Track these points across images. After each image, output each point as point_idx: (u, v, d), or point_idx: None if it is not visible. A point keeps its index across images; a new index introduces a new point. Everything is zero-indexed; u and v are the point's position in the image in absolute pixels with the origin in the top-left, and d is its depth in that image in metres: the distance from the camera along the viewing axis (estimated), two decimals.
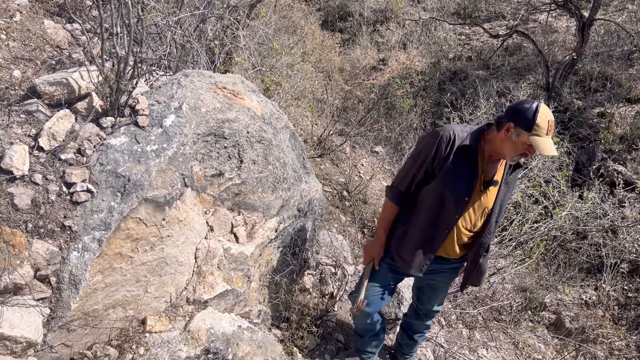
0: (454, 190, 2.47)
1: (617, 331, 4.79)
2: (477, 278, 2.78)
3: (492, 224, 2.57)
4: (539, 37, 9.27)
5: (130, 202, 2.14)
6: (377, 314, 2.96)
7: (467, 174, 2.44)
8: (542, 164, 5.46)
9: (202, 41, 3.57)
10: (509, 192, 2.59)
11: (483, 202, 2.52)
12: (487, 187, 2.48)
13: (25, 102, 2.25)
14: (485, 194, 2.50)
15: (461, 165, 2.43)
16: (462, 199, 2.47)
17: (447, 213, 2.52)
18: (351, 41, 9.99)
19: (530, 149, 2.26)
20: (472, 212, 2.54)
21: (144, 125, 2.32)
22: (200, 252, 2.59)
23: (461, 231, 2.58)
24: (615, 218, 5.49)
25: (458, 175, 2.45)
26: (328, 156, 5.92)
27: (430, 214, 2.57)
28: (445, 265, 2.74)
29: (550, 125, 2.22)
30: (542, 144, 2.21)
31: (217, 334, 2.49)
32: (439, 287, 2.93)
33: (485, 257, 2.71)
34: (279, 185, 2.94)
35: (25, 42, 2.60)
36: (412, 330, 3.19)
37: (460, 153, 2.42)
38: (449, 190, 2.48)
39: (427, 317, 3.10)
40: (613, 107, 7.35)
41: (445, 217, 2.53)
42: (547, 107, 2.27)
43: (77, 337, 2.15)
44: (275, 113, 3.05)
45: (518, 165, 2.56)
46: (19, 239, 1.90)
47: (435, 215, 2.56)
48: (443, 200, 2.51)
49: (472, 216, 2.55)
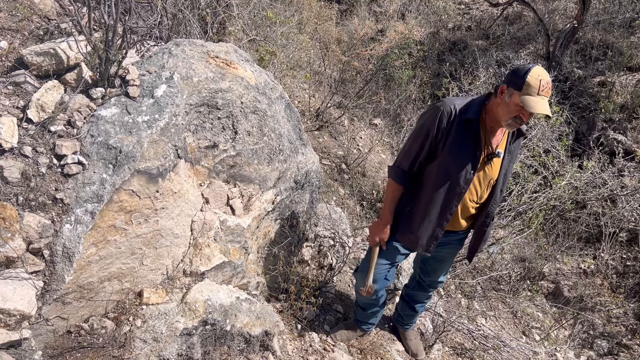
0: (459, 165, 2.44)
1: (615, 299, 4.82)
2: (481, 246, 2.81)
3: (497, 194, 2.58)
4: (540, 6, 9.11)
5: (123, 173, 2.11)
6: (382, 289, 2.96)
7: (471, 148, 2.42)
8: (542, 133, 5.41)
9: (194, 10, 3.48)
10: (512, 162, 2.59)
11: (488, 174, 2.52)
12: (491, 159, 2.46)
13: (12, 74, 2.20)
14: (490, 166, 2.49)
15: (464, 139, 2.41)
16: (468, 173, 2.45)
17: (453, 188, 2.49)
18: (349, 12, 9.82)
19: (523, 111, 2.21)
20: (478, 184, 2.53)
21: (134, 95, 2.27)
22: (196, 224, 2.57)
23: (468, 204, 2.59)
24: (614, 187, 5.47)
25: (462, 150, 2.42)
26: (326, 129, 5.87)
27: (437, 190, 2.53)
28: (452, 237, 2.76)
29: (543, 85, 2.17)
30: (532, 102, 2.17)
31: (214, 306, 2.49)
32: (444, 259, 2.93)
33: (491, 225, 2.74)
34: (274, 156, 2.91)
35: (12, 12, 2.54)
36: (413, 301, 3.19)
37: (462, 127, 2.39)
38: (454, 166, 2.45)
39: (431, 288, 3.11)
40: (614, 76, 7.25)
41: (451, 192, 2.51)
42: (544, 69, 2.22)
43: (73, 310, 2.14)
44: (270, 83, 2.99)
45: (520, 134, 2.53)
46: (9, 212, 1.87)
47: (442, 192, 2.52)
48: (449, 176, 2.48)
49: (477, 188, 2.54)
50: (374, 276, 2.79)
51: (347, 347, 3.18)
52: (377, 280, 2.84)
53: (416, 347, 3.31)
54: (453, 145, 2.42)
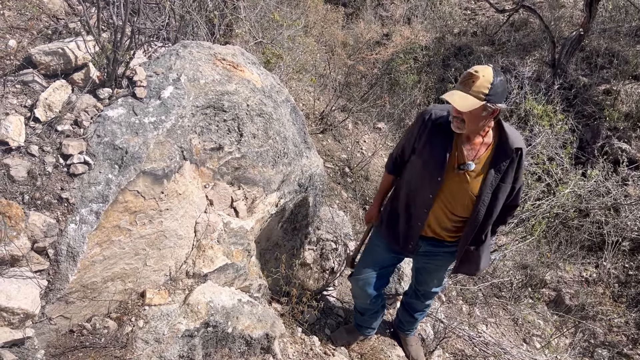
0: (427, 167, 2.45)
1: (617, 308, 4.81)
2: (468, 267, 2.71)
3: (478, 213, 2.44)
4: (546, 12, 9.10)
5: (128, 174, 2.12)
6: (378, 293, 2.97)
7: (439, 153, 2.39)
8: (546, 141, 5.41)
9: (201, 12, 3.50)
10: (506, 183, 2.40)
11: (464, 187, 2.41)
12: (461, 170, 2.38)
13: (20, 72, 2.21)
14: (464, 177, 2.40)
15: (436, 143, 2.41)
16: (435, 179, 2.42)
17: (423, 191, 2.51)
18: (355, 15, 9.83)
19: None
20: (450, 195, 2.47)
21: (141, 96, 2.28)
22: (200, 225, 2.57)
23: (442, 214, 2.53)
24: (618, 196, 5.46)
25: (432, 153, 2.42)
26: (330, 132, 5.87)
27: (410, 191, 2.60)
28: (440, 248, 2.71)
29: (466, 76, 2.14)
30: (447, 93, 2.15)
31: (216, 307, 2.49)
32: (434, 270, 2.90)
33: (479, 249, 2.61)
34: (279, 159, 2.91)
35: (21, 12, 2.55)
36: (412, 309, 3.19)
37: (436, 130, 2.39)
38: (423, 168, 2.48)
39: (426, 298, 3.09)
40: (619, 84, 7.24)
41: (422, 195, 2.52)
42: (484, 66, 2.16)
43: (76, 309, 2.15)
44: (276, 86, 3.00)
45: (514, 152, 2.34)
46: (15, 210, 1.88)
47: (414, 193, 2.58)
48: (420, 178, 2.51)
49: (450, 200, 2.48)
50: (366, 279, 2.88)
51: (348, 351, 3.18)
52: (371, 284, 2.89)
53: (417, 353, 3.31)
54: (424, 148, 2.45)
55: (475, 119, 2.20)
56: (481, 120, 2.22)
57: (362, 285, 2.96)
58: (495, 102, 2.14)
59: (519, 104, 5.82)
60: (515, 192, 2.50)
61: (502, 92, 2.17)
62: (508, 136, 2.31)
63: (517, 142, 2.33)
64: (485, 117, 2.20)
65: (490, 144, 2.37)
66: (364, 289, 2.95)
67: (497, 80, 2.12)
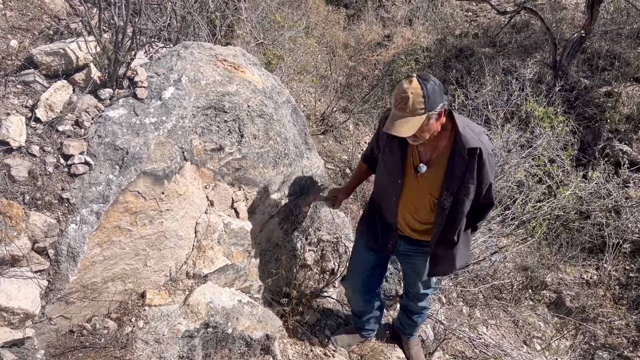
0: (387, 169, 2.46)
1: (618, 310, 4.80)
2: (443, 268, 2.67)
3: (440, 216, 2.39)
4: (547, 14, 9.10)
5: (129, 175, 2.12)
6: (370, 295, 2.96)
7: (396, 154, 2.37)
8: (547, 142, 5.41)
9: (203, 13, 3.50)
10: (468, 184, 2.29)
11: (424, 187, 2.38)
12: (418, 173, 2.35)
13: (22, 73, 2.21)
14: (423, 179, 2.36)
15: (393, 145, 2.38)
16: (396, 182, 2.41)
17: (388, 194, 2.52)
18: (356, 16, 9.84)
19: None
20: (413, 198, 2.45)
21: (142, 97, 2.28)
22: (200, 226, 2.57)
23: (409, 216, 2.53)
24: (619, 198, 5.46)
25: (390, 155, 2.41)
26: (331, 133, 5.87)
27: (379, 192, 2.64)
28: (418, 247, 2.67)
29: (397, 100, 2.08)
30: (388, 122, 2.13)
31: (216, 308, 2.49)
32: (417, 271, 2.83)
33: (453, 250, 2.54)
34: (280, 160, 2.91)
35: (22, 12, 2.55)
36: (409, 312, 3.18)
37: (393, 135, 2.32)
38: (384, 169, 2.49)
39: (417, 300, 3.06)
40: (620, 87, 7.24)
41: (387, 198, 2.53)
42: (408, 80, 2.09)
43: (76, 310, 2.15)
44: (277, 87, 3.00)
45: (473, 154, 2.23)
46: (15, 210, 1.88)
47: (382, 195, 2.60)
48: (384, 180, 2.53)
49: (413, 202, 2.46)
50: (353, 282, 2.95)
51: (348, 353, 3.18)
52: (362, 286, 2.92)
53: (417, 356, 3.30)
54: (385, 149, 2.45)
55: (424, 130, 2.15)
56: (432, 127, 2.17)
57: (353, 288, 2.98)
58: (435, 107, 2.09)
59: (520, 105, 5.81)
60: (486, 191, 2.40)
61: (439, 94, 2.10)
62: (462, 136, 2.22)
63: (472, 142, 2.22)
64: (434, 122, 2.15)
65: (445, 144, 2.30)
66: (355, 291, 2.97)
67: (428, 88, 2.06)
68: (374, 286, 2.96)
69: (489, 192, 2.41)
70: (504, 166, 4.80)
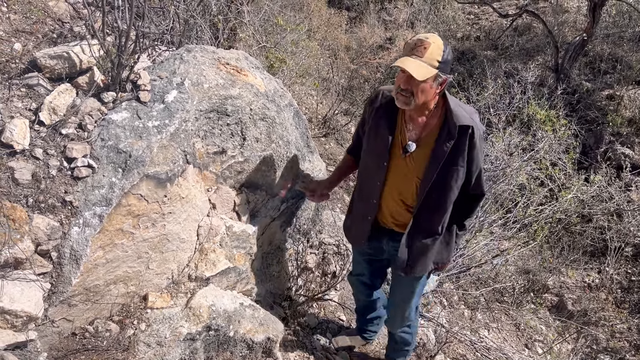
0: (372, 152, 2.34)
1: (620, 314, 4.80)
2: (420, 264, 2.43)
3: (424, 198, 2.24)
4: (549, 17, 9.11)
5: (132, 178, 2.12)
6: (376, 293, 2.95)
7: (385, 133, 2.25)
8: (549, 146, 5.41)
9: (205, 16, 3.51)
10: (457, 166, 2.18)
11: (411, 170, 2.25)
12: (407, 153, 2.22)
13: (25, 76, 2.22)
14: (411, 160, 2.24)
15: (381, 125, 2.28)
16: (382, 164, 2.28)
17: (371, 180, 2.38)
18: (358, 19, 9.85)
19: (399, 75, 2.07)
20: (399, 181, 2.30)
21: (145, 100, 2.29)
22: (203, 229, 2.58)
23: (393, 204, 2.37)
24: (621, 201, 5.46)
25: (377, 137, 2.30)
26: (333, 136, 5.87)
27: (360, 181, 2.52)
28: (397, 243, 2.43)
29: (414, 43, 1.99)
30: (399, 60, 1.99)
31: (218, 311, 2.49)
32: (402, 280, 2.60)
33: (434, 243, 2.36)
34: (282, 163, 2.92)
35: (26, 15, 2.56)
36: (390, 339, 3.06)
37: (381, 112, 2.27)
38: (369, 154, 2.37)
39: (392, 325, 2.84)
40: (622, 90, 7.24)
41: (370, 184, 2.39)
42: (431, 33, 2.04)
43: (79, 312, 2.15)
44: (279, 90, 3.01)
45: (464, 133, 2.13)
46: (19, 213, 1.89)
47: (363, 183, 2.47)
48: (368, 165, 2.41)
49: (399, 186, 2.31)
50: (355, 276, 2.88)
51: (349, 356, 3.18)
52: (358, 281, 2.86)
53: None
54: (371, 129, 2.35)
55: (425, 90, 2.04)
56: (430, 93, 2.07)
57: (352, 283, 2.96)
58: (445, 72, 2.03)
59: (521, 109, 5.82)
60: (475, 178, 2.28)
61: (450, 62, 2.04)
62: (453, 113, 2.12)
63: (463, 119, 2.11)
64: (435, 89, 2.06)
65: (435, 123, 2.20)
66: (357, 285, 2.93)
67: (447, 49, 2.01)
68: (374, 282, 2.90)
69: (479, 180, 2.31)
70: (505, 169, 4.80)
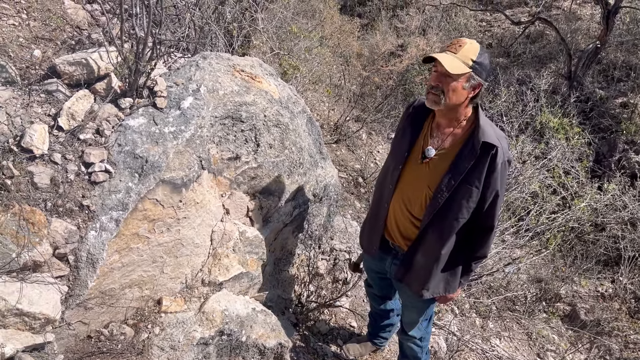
0: (393, 154, 2.31)
1: (633, 324, 4.74)
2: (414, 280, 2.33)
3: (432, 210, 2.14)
4: (562, 25, 9.07)
5: (148, 183, 2.15)
6: (390, 303, 2.95)
7: (407, 137, 2.21)
8: (562, 154, 5.38)
9: (220, 23, 3.55)
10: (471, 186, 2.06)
11: (424, 177, 2.15)
12: (425, 159, 2.14)
13: (45, 82, 2.27)
14: (427, 167, 2.15)
15: (407, 128, 2.24)
16: (397, 167, 2.22)
17: (385, 183, 2.33)
18: (370, 26, 9.89)
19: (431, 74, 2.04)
20: (409, 186, 2.22)
21: (162, 106, 2.32)
22: (216, 234, 2.60)
23: (398, 211, 2.29)
24: (635, 210, 5.40)
25: (401, 139, 2.26)
26: (344, 142, 5.89)
27: (377, 184, 2.46)
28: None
29: (452, 42, 1.99)
30: (432, 53, 1.98)
31: (231, 316, 2.51)
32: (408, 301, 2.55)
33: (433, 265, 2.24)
34: (295, 170, 2.94)
35: (45, 22, 2.61)
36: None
37: (412, 117, 2.26)
38: (390, 155, 2.34)
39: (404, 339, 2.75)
40: (636, 97, 7.18)
41: (384, 187, 2.34)
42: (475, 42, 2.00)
43: (94, 315, 2.18)
44: (293, 97, 3.03)
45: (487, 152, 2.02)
46: (38, 217, 1.92)
47: (379, 185, 2.42)
48: (386, 167, 2.35)
49: (408, 192, 2.23)
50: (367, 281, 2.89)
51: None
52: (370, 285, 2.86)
53: None
54: (398, 132, 2.33)
55: (457, 90, 1.98)
56: (462, 95, 2.00)
57: (368, 290, 2.97)
58: (480, 75, 1.98)
59: (534, 116, 5.79)
60: (488, 206, 2.12)
61: (486, 68, 2.00)
62: (480, 129, 2.03)
63: (489, 137, 2.01)
64: (467, 92, 2.00)
65: (460, 135, 2.11)
66: (369, 294, 2.95)
67: (484, 52, 1.98)
68: (385, 295, 2.91)
69: (491, 209, 2.14)
70: (518, 177, 4.78)
